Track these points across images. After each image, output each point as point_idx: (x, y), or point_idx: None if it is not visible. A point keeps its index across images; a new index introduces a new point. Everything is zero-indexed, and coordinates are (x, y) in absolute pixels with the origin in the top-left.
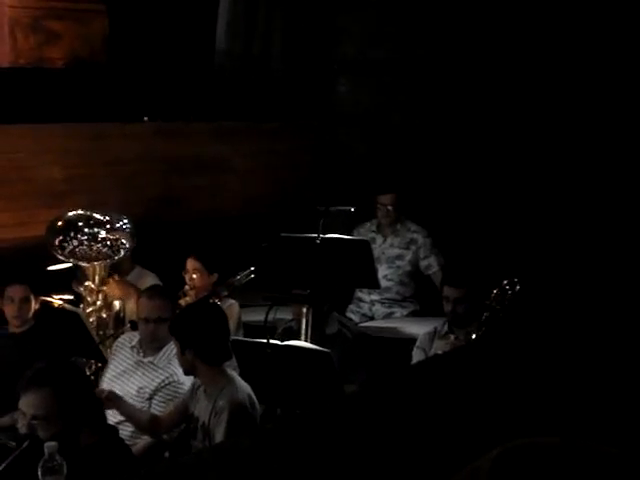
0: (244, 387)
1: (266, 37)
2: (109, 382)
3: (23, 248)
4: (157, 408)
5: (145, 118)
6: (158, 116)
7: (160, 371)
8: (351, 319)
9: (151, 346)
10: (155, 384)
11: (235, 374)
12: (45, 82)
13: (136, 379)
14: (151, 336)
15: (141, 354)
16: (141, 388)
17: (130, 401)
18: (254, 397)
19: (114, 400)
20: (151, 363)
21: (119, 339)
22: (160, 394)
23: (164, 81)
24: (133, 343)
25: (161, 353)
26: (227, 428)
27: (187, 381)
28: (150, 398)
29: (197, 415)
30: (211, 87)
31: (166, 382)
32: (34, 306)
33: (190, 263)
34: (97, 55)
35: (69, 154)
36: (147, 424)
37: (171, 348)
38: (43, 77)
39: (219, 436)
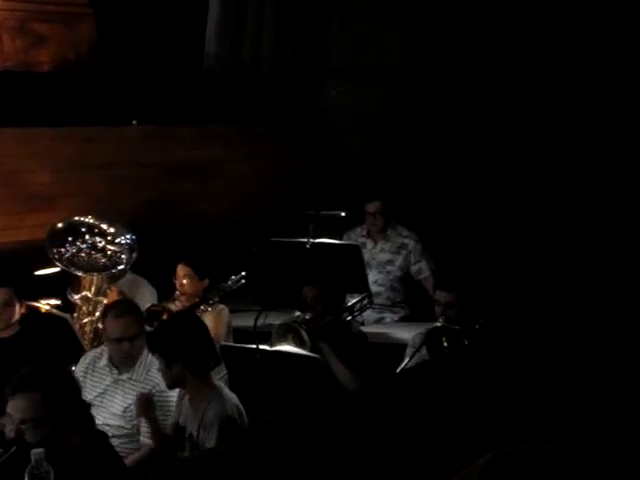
0: (231, 398)
1: (255, 41)
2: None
3: (12, 252)
4: (145, 422)
5: (134, 122)
6: (147, 120)
7: (141, 385)
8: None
9: (125, 363)
10: None
11: (221, 384)
12: (32, 85)
13: (119, 399)
14: (127, 354)
15: (115, 372)
16: (126, 408)
17: (118, 422)
18: (241, 407)
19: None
20: (130, 379)
21: (86, 358)
22: None
23: (153, 85)
24: (103, 362)
25: (137, 367)
26: (217, 442)
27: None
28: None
29: (183, 425)
30: (200, 91)
31: (150, 395)
32: (19, 310)
33: (180, 269)
34: (84, 58)
35: (57, 158)
36: None
37: (147, 359)
38: (30, 80)
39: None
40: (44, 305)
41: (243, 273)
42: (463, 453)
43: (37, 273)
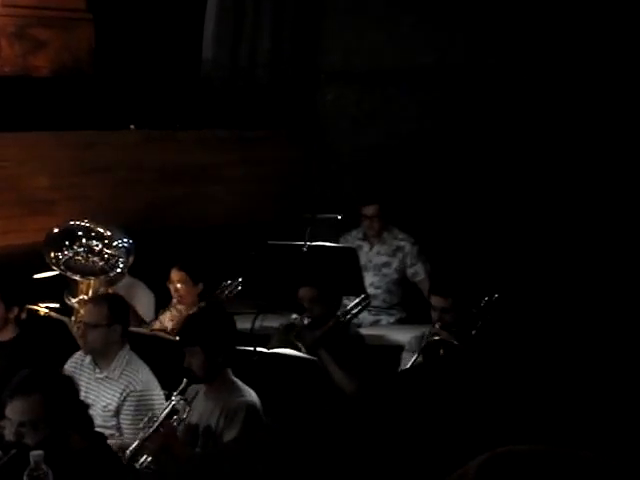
0: (249, 389)
1: (253, 47)
2: None
3: (11, 256)
4: (125, 422)
5: (132, 126)
6: (145, 124)
7: (116, 384)
8: None
9: (102, 357)
10: (116, 399)
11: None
12: (31, 90)
13: (99, 397)
14: (87, 342)
15: (97, 370)
16: (105, 406)
17: (98, 419)
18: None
19: None
20: (107, 377)
21: (72, 359)
22: (124, 409)
23: (151, 89)
24: (88, 360)
25: (112, 366)
26: (242, 429)
27: (149, 388)
28: (115, 415)
29: (195, 422)
30: (198, 96)
31: (124, 394)
32: (15, 313)
33: (174, 274)
34: (83, 63)
35: (56, 162)
36: None
37: (124, 358)
38: (29, 85)
39: (230, 437)
40: (43, 308)
41: (240, 279)
42: (459, 453)
43: (36, 276)
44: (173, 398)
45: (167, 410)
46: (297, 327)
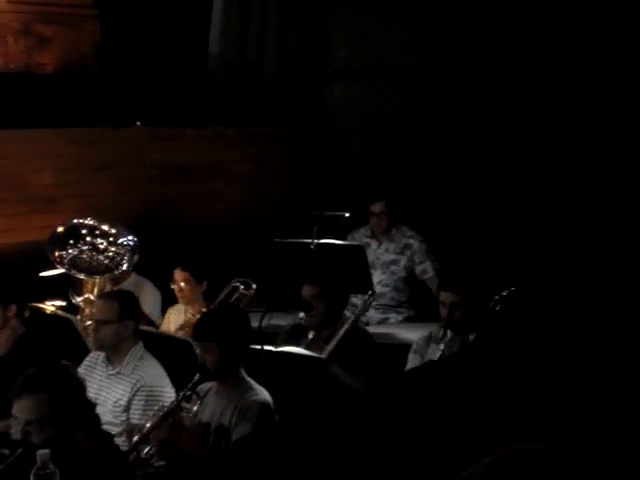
0: (262, 388)
1: (260, 42)
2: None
3: (16, 253)
4: (135, 417)
5: (138, 123)
6: (151, 121)
7: (127, 379)
8: None
9: (114, 353)
10: (127, 395)
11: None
12: (36, 87)
13: (111, 394)
14: (98, 339)
15: (110, 367)
16: (116, 402)
17: (109, 416)
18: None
19: None
20: (118, 374)
21: (87, 359)
22: (134, 403)
23: (157, 86)
24: (101, 358)
25: (125, 361)
26: (254, 426)
27: (159, 383)
28: (126, 410)
29: (207, 420)
30: (204, 92)
31: (135, 389)
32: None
33: (178, 274)
34: (88, 60)
35: (61, 159)
36: None
37: (136, 354)
38: (34, 82)
39: (240, 434)
40: (49, 306)
41: (253, 286)
42: (467, 454)
43: (42, 274)
44: (182, 393)
45: (177, 401)
46: (303, 344)
